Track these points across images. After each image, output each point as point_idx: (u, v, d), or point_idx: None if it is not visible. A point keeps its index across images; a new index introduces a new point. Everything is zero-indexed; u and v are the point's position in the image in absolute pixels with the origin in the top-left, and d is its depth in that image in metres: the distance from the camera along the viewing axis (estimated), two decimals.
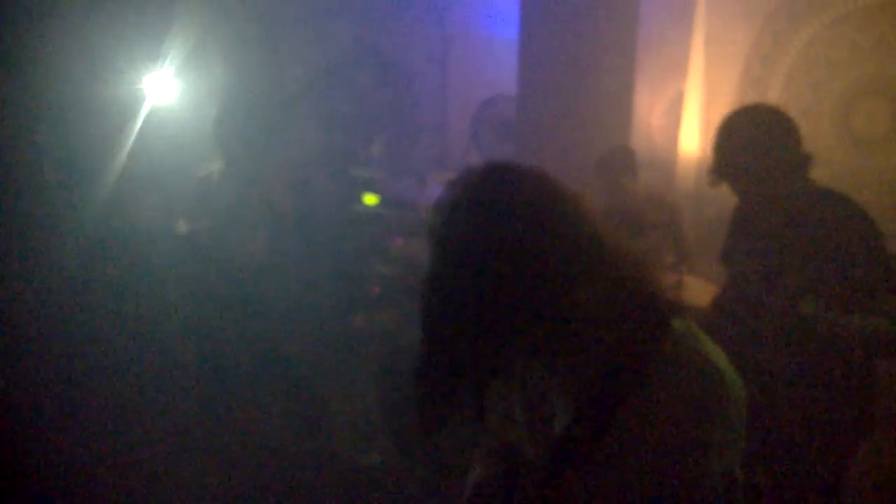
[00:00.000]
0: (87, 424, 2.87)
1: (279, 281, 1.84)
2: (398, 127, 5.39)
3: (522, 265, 0.93)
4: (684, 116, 4.60)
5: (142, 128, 3.76)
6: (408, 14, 5.10)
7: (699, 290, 2.73)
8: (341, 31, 4.91)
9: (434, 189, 3.93)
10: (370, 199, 4.14)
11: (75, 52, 3.47)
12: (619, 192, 3.48)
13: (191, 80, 3.95)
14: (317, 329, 2.54)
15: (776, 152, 1.86)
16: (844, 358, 1.75)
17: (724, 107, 4.28)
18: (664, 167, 4.64)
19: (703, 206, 4.46)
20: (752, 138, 1.88)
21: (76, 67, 3.49)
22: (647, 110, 4.84)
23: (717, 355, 1.00)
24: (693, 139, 4.54)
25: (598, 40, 4.18)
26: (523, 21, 4.51)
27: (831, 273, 1.72)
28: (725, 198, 4.31)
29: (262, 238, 3.24)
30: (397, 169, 4.87)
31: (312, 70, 4.86)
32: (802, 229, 1.83)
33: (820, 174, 2.00)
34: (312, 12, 4.73)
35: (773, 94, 4.01)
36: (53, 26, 3.42)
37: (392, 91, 5.29)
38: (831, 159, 3.55)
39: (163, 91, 3.86)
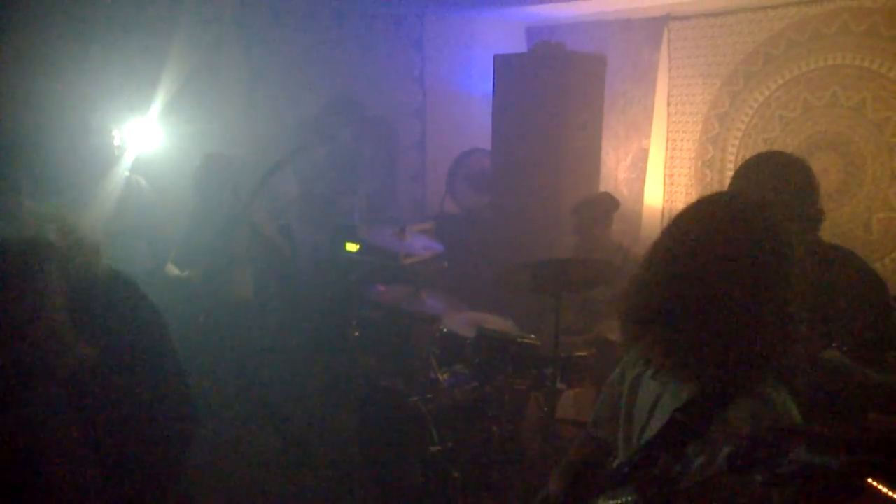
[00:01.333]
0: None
1: (265, 321, 1.92)
2: (379, 178, 5.57)
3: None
4: (648, 171, 4.86)
5: (128, 174, 3.86)
6: (389, 70, 5.34)
7: None
8: (324, 86, 5.10)
9: (413, 238, 4.08)
10: (352, 247, 4.25)
11: (61, 99, 3.53)
12: (589, 236, 3.64)
13: (174, 128, 4.07)
14: (301, 368, 2.62)
15: (798, 202, 1.82)
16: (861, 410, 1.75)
17: (685, 162, 4.56)
18: (631, 218, 4.86)
19: None
20: (768, 185, 1.83)
21: (62, 115, 3.55)
22: (614, 164, 5.09)
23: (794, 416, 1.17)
24: (657, 192, 4.79)
25: (567, 98, 4.43)
26: (496, 79, 4.77)
27: (841, 327, 1.72)
28: None
29: (248, 280, 3.34)
30: (378, 218, 5.02)
31: (295, 124, 5.02)
32: (818, 282, 1.87)
33: None
34: (296, 68, 4.93)
35: (731, 151, 4.29)
36: (39, 73, 3.48)
37: (373, 144, 5.49)
38: None
39: (146, 138, 3.97)
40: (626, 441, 1.43)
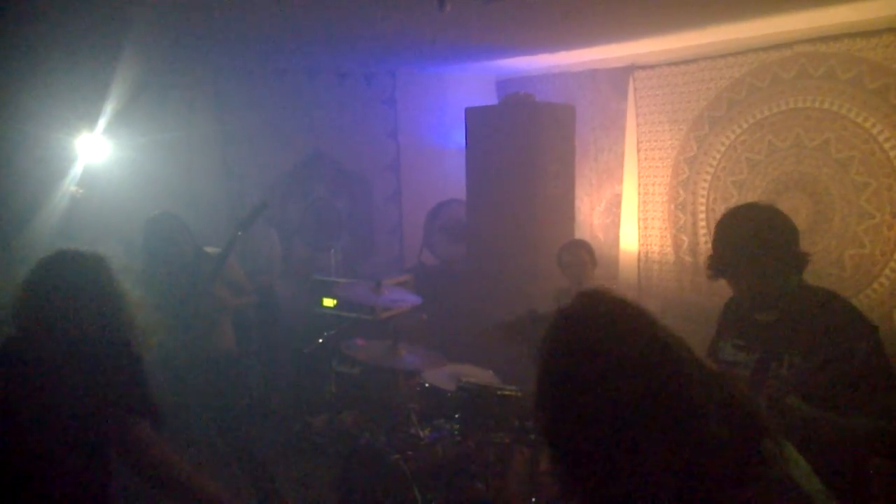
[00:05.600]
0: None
1: (246, 376, 1.85)
2: (355, 232, 5.56)
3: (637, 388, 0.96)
4: (623, 215, 4.91)
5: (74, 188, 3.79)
6: (363, 126, 5.40)
7: None
8: (298, 143, 5.14)
9: (389, 291, 4.04)
10: (329, 302, 4.21)
11: (7, 110, 3.45)
12: (582, 272, 3.65)
13: (123, 141, 3.98)
14: (279, 426, 2.53)
15: (776, 251, 1.85)
16: (832, 455, 1.68)
17: (658, 206, 4.61)
18: (608, 263, 4.88)
19: (646, 298, 4.68)
20: (754, 236, 1.86)
21: (8, 126, 3.46)
22: (589, 210, 5.14)
23: (808, 479, 1.00)
24: (632, 236, 4.83)
25: (539, 148, 4.49)
26: (469, 131, 4.84)
27: (825, 370, 1.71)
28: (667, 291, 4.54)
29: (229, 330, 3.24)
30: (356, 272, 4.98)
31: (270, 181, 5.03)
32: (797, 326, 1.85)
33: None
34: (269, 126, 4.97)
35: (702, 193, 4.35)
36: None
37: (348, 199, 5.50)
38: None
39: (95, 151, 3.86)
40: None
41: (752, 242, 1.86)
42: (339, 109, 5.29)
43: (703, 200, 4.34)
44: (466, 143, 4.88)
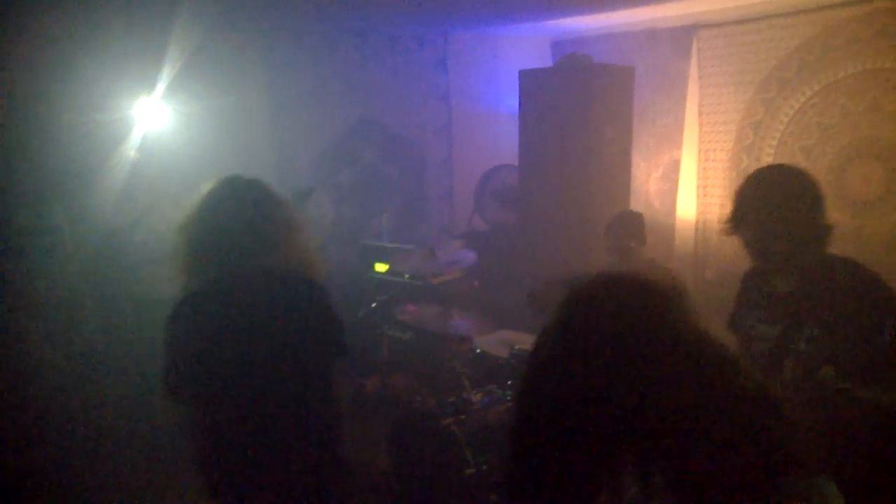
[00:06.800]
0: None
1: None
2: (406, 198, 5.55)
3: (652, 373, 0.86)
4: (681, 183, 4.76)
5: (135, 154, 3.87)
6: (414, 90, 5.34)
7: None
8: (348, 108, 5.12)
9: (442, 257, 4.02)
10: (381, 267, 4.23)
11: (66, 78, 3.51)
12: (625, 254, 3.55)
13: (180, 106, 4.02)
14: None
15: (799, 218, 1.81)
16: (861, 431, 1.69)
17: (719, 172, 4.44)
18: (663, 231, 4.75)
19: (702, 268, 4.55)
20: (779, 199, 1.83)
21: (67, 94, 3.53)
22: (645, 177, 5.00)
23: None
24: (690, 204, 4.68)
25: (595, 112, 4.36)
26: (522, 94, 4.73)
27: (849, 344, 1.68)
28: (724, 261, 4.41)
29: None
30: (406, 238, 4.98)
31: (320, 147, 5.03)
32: (820, 298, 1.80)
33: None
34: (320, 91, 4.95)
35: (766, 160, 4.16)
36: (44, 51, 3.46)
37: (399, 164, 5.48)
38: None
39: (153, 116, 3.92)
40: None
41: (765, 202, 1.84)
42: (390, 73, 5.23)
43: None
44: (520, 107, 4.77)
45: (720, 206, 4.45)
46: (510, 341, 3.37)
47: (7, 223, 3.44)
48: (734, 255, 4.39)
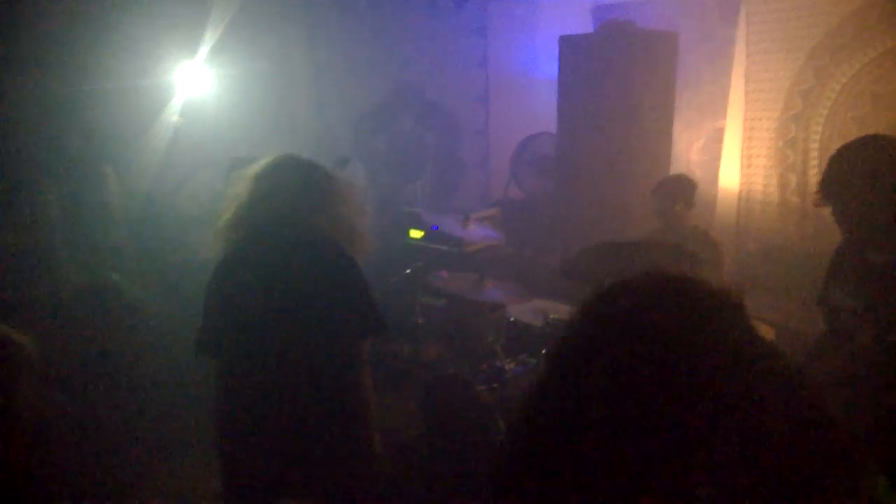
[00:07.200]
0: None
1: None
2: (442, 165, 5.53)
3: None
4: (724, 152, 4.63)
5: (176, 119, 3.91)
6: (452, 57, 5.28)
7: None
8: (386, 74, 5.09)
9: (477, 225, 4.02)
10: (416, 234, 4.24)
11: (107, 42, 3.56)
12: (670, 218, 3.50)
13: (222, 71, 4.03)
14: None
15: (888, 186, 1.76)
16: None
17: (764, 142, 4.31)
18: (705, 202, 4.65)
19: (745, 240, 4.45)
20: (875, 170, 1.79)
21: (107, 58, 3.58)
22: (686, 146, 4.88)
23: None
24: (733, 175, 4.55)
25: (637, 79, 4.26)
26: (562, 61, 4.63)
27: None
28: (768, 233, 4.30)
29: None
30: (442, 205, 4.98)
31: (358, 112, 5.03)
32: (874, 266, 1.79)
33: None
34: (359, 57, 4.94)
35: (816, 129, 4.02)
36: (84, 15, 3.51)
37: (435, 131, 5.45)
38: None
39: (196, 81, 3.95)
40: None
41: (861, 172, 1.79)
42: (429, 39, 5.18)
43: (817, 137, 4.02)
44: (559, 74, 4.68)
45: (764, 177, 4.33)
46: (545, 310, 3.36)
47: (58, 185, 3.54)
48: (778, 227, 4.28)
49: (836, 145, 3.07)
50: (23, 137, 3.34)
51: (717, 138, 4.66)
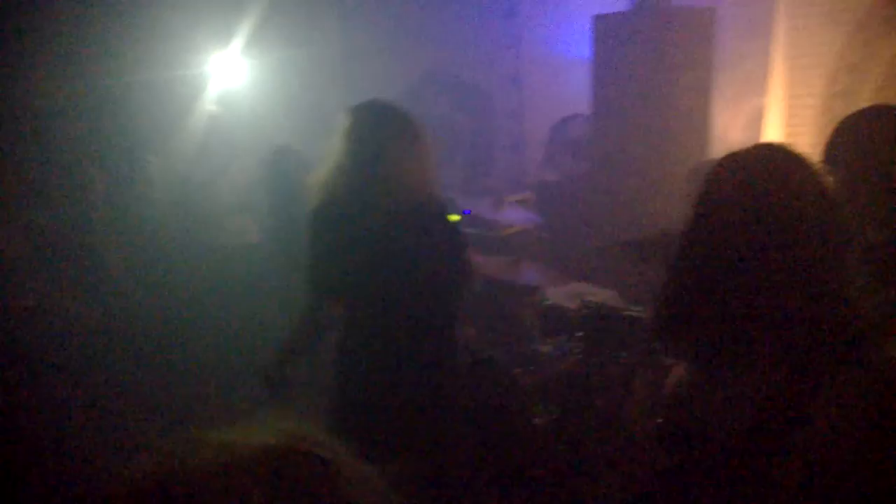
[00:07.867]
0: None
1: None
2: (476, 147, 5.52)
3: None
4: (765, 132, 4.52)
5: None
6: (484, 38, 5.24)
7: None
8: (418, 56, 5.08)
9: (511, 208, 4.01)
10: (449, 217, 4.25)
11: (145, 32, 3.63)
12: None
13: (257, 61, 4.10)
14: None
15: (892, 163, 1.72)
16: None
17: (808, 121, 4.19)
18: None
19: None
20: (871, 141, 1.76)
21: (141, 49, 3.66)
22: (725, 127, 4.78)
23: None
24: None
25: (673, 58, 4.18)
26: (596, 41, 4.57)
27: None
28: None
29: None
30: (475, 188, 4.98)
31: (390, 95, 5.03)
32: None
33: None
34: (390, 38, 4.93)
35: (863, 106, 3.89)
36: (115, 7, 3.58)
37: (469, 113, 5.43)
38: None
39: (232, 71, 4.03)
40: None
41: (856, 143, 1.75)
42: (461, 19, 5.15)
43: None
44: (594, 53, 4.62)
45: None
46: (580, 293, 3.35)
47: (104, 175, 3.64)
48: None
49: None
50: (72, 129, 3.45)
51: (758, 117, 4.55)
